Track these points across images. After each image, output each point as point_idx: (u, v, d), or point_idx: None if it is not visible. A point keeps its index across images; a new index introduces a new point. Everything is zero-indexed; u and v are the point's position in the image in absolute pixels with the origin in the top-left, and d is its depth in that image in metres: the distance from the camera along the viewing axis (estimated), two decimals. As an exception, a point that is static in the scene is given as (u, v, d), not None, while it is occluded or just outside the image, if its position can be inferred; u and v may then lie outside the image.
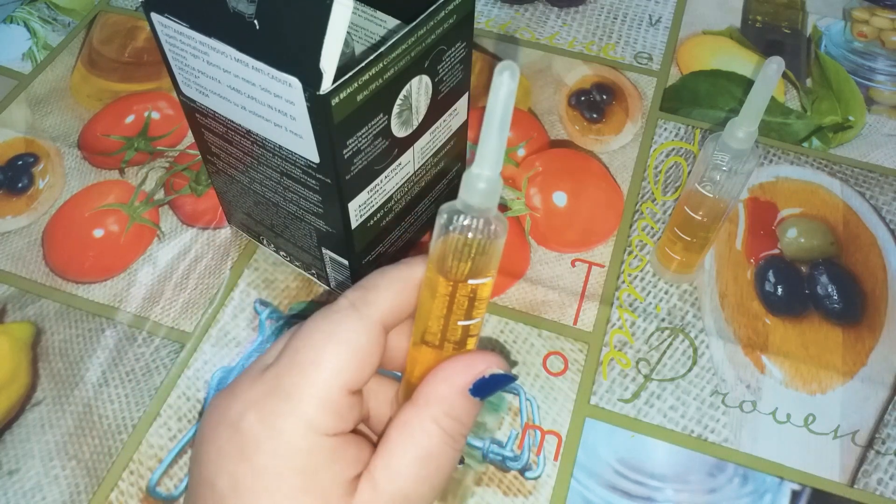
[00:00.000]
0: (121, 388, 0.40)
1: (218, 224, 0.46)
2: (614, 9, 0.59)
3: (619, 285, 0.44)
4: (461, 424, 0.25)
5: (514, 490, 0.37)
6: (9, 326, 0.42)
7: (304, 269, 0.43)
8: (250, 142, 0.34)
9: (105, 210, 0.47)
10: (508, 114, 0.20)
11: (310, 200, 0.35)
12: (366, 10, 0.37)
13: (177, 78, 0.34)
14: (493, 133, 0.21)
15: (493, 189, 0.22)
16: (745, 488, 0.37)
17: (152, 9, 0.31)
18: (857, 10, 0.60)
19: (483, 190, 0.22)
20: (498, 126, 0.21)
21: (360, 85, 0.29)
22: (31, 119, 0.52)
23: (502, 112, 0.20)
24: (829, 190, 0.48)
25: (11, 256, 0.45)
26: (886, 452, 0.38)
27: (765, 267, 0.44)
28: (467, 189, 0.22)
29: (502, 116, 0.20)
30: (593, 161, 0.49)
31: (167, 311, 0.42)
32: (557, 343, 0.41)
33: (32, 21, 0.58)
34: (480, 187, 0.21)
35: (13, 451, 0.38)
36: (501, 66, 0.20)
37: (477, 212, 0.22)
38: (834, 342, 0.42)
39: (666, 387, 0.40)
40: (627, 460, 0.38)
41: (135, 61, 0.56)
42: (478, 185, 0.21)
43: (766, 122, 0.52)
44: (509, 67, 0.20)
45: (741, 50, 0.57)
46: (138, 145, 0.50)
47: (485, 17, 0.58)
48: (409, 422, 0.24)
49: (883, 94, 0.54)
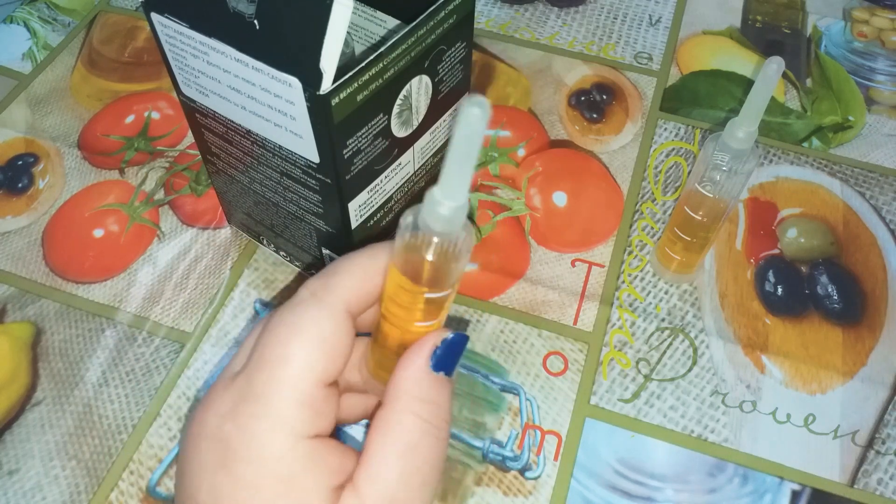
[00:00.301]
0: (121, 388, 0.40)
1: (218, 224, 0.46)
2: (614, 9, 0.59)
3: (619, 285, 0.44)
4: (436, 406, 0.24)
5: (514, 490, 0.37)
6: (9, 326, 0.42)
7: (304, 269, 0.43)
8: (250, 142, 0.34)
9: (105, 210, 0.47)
10: (474, 149, 0.19)
11: (310, 200, 0.35)
12: (366, 10, 0.37)
13: (177, 78, 0.34)
14: (454, 164, 0.20)
15: (458, 216, 0.21)
16: (745, 488, 0.37)
17: (152, 9, 0.31)
18: (857, 10, 0.60)
19: (446, 217, 0.21)
20: (460, 159, 0.19)
21: (360, 85, 0.29)
22: (31, 119, 0.52)
23: (466, 147, 0.19)
24: (829, 190, 0.48)
25: (11, 256, 0.45)
26: (886, 452, 0.38)
27: (765, 267, 0.45)
28: (430, 213, 0.21)
29: (466, 151, 0.19)
30: (593, 161, 0.49)
31: (167, 311, 0.42)
32: (557, 343, 0.41)
33: (32, 21, 0.58)
34: (443, 214, 0.20)
35: (13, 451, 0.38)
36: (471, 101, 0.18)
37: (439, 235, 0.21)
38: (834, 342, 0.42)
39: (666, 387, 0.40)
40: (627, 460, 0.38)
41: (135, 61, 0.56)
42: (440, 211, 0.20)
43: (766, 122, 0.52)
44: (479, 105, 0.18)
45: (741, 50, 0.57)
46: (138, 145, 0.50)
47: (485, 17, 0.58)
48: (383, 420, 0.23)
49: (883, 94, 0.54)
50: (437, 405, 0.24)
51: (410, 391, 0.24)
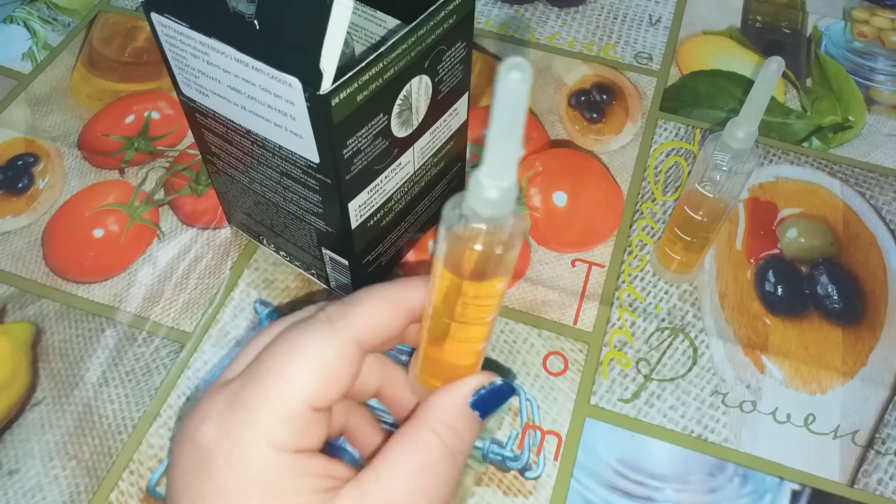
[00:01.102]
0: (121, 388, 0.40)
1: (218, 224, 0.46)
2: (614, 9, 0.59)
3: (619, 285, 0.44)
4: (461, 439, 0.24)
5: (514, 490, 0.37)
6: (9, 326, 0.42)
7: (304, 269, 0.43)
8: (250, 142, 0.34)
9: (105, 210, 0.47)
10: (519, 119, 0.17)
11: (310, 200, 0.35)
12: (366, 10, 0.37)
13: (177, 78, 0.34)
14: (500, 140, 0.18)
15: (508, 199, 0.19)
16: (745, 488, 0.37)
17: (152, 9, 0.31)
18: (857, 10, 0.60)
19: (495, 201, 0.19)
20: (505, 133, 0.18)
21: (360, 85, 0.29)
22: (31, 119, 0.52)
23: (510, 118, 0.17)
24: (829, 190, 0.48)
25: (11, 256, 0.45)
26: (886, 452, 0.38)
27: (765, 267, 0.44)
28: (476, 198, 0.19)
29: (510, 122, 0.17)
30: (593, 161, 0.49)
31: (167, 311, 0.42)
32: (557, 343, 0.41)
33: (32, 21, 0.58)
34: (491, 197, 0.19)
35: (13, 451, 0.38)
36: (509, 63, 0.16)
37: (489, 222, 0.19)
38: (834, 342, 0.42)
39: (666, 387, 0.40)
40: (627, 460, 0.38)
41: (135, 61, 0.56)
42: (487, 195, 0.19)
43: (766, 122, 0.52)
44: (519, 67, 0.16)
45: (741, 50, 0.57)
46: (138, 145, 0.50)
47: (485, 17, 0.58)
48: (406, 432, 0.23)
49: (883, 94, 0.54)
50: (462, 440, 0.24)
51: (442, 416, 0.24)
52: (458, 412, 0.24)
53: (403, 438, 0.23)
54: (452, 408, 0.24)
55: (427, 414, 0.24)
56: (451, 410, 0.24)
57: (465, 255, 0.20)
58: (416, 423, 0.24)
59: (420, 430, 0.23)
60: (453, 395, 0.24)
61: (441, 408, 0.24)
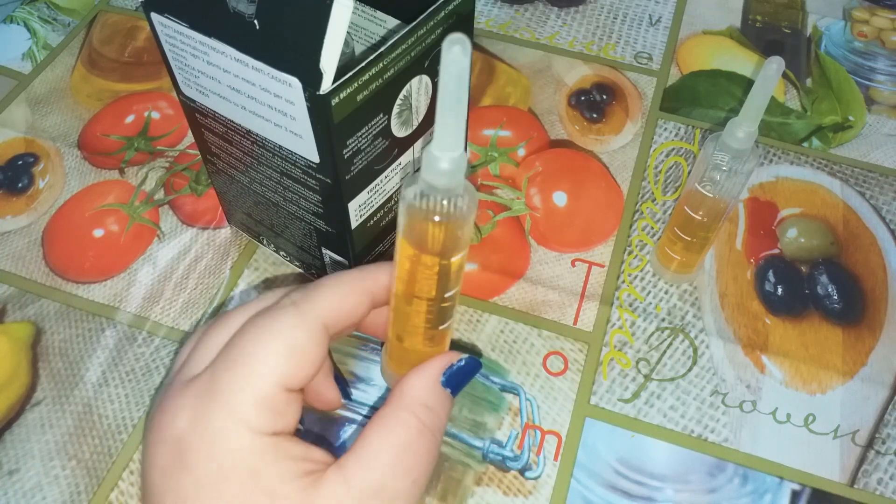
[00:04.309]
0: (121, 388, 0.40)
1: (218, 224, 0.46)
2: (614, 9, 0.59)
3: (619, 285, 0.44)
4: (436, 417, 0.25)
5: (514, 490, 0.37)
6: (9, 326, 0.42)
7: (304, 269, 0.43)
8: (250, 142, 0.34)
9: (105, 210, 0.47)
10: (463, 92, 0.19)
11: (310, 200, 0.35)
12: (366, 10, 0.37)
13: (177, 78, 0.34)
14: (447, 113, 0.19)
15: (459, 167, 0.20)
16: (745, 488, 0.37)
17: (152, 9, 0.31)
18: (857, 10, 0.60)
19: (448, 171, 0.20)
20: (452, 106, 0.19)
21: (360, 85, 0.29)
22: (31, 119, 0.52)
23: (455, 90, 0.18)
24: (829, 190, 0.48)
25: (11, 256, 0.45)
26: (886, 452, 0.38)
27: (765, 267, 0.45)
28: (430, 170, 0.20)
29: (456, 95, 0.19)
30: (593, 161, 0.49)
31: (167, 311, 0.42)
32: (557, 343, 0.41)
33: (32, 21, 0.58)
34: (444, 168, 0.20)
35: (13, 451, 0.38)
36: (451, 39, 0.18)
37: (443, 193, 0.21)
38: (834, 342, 0.42)
39: (666, 387, 0.40)
40: (627, 460, 0.38)
41: (135, 61, 0.56)
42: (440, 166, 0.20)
43: (766, 122, 0.52)
44: (460, 42, 0.18)
45: (741, 50, 0.57)
46: (138, 145, 0.50)
47: (485, 17, 0.58)
48: (384, 416, 0.24)
49: (883, 94, 0.54)
50: (437, 415, 0.25)
51: (417, 396, 0.25)
52: (432, 391, 0.25)
53: (382, 421, 0.24)
54: (425, 388, 0.25)
55: (402, 396, 0.25)
56: (424, 391, 0.25)
57: (424, 228, 0.21)
58: (393, 406, 0.25)
59: (397, 412, 0.24)
60: (425, 376, 0.25)
61: (415, 389, 0.25)
